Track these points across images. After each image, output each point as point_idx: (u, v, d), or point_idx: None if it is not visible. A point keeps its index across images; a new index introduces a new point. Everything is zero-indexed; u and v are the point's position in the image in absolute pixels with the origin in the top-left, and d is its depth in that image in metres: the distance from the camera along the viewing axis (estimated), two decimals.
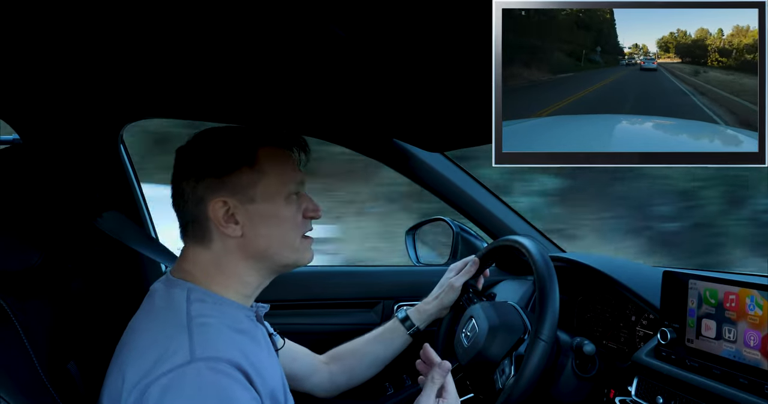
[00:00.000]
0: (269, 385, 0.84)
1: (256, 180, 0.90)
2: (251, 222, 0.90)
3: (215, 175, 0.89)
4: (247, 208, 0.89)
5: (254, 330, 0.91)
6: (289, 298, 1.63)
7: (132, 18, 0.67)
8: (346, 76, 0.90)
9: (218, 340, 0.80)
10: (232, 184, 0.89)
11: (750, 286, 0.87)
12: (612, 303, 1.30)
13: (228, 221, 0.89)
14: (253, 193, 0.90)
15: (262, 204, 0.90)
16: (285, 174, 0.93)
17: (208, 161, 0.90)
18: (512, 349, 1.13)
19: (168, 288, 0.89)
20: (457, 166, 1.64)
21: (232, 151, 0.90)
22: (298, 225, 0.94)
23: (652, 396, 1.00)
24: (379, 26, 0.66)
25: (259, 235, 0.91)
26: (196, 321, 0.82)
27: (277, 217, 0.91)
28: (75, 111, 1.32)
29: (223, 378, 0.76)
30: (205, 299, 0.87)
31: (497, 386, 1.11)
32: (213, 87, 1.06)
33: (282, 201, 0.92)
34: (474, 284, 1.36)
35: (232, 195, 0.89)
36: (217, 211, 0.88)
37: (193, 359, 0.75)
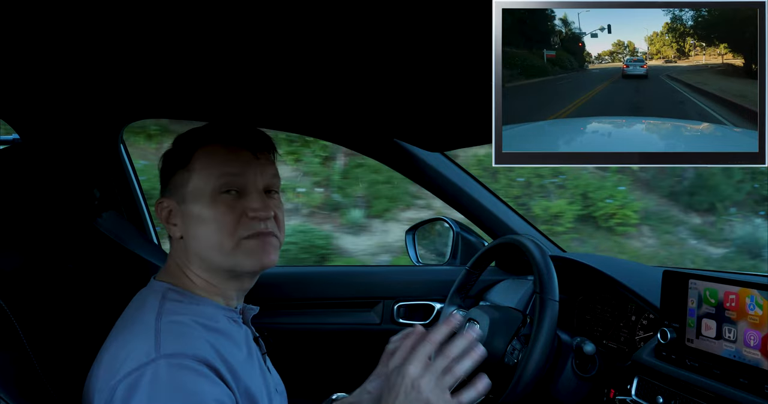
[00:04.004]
0: (244, 383, 0.83)
1: (186, 179, 0.88)
2: (185, 223, 0.89)
3: (162, 177, 0.92)
4: (181, 209, 0.89)
5: (233, 330, 0.90)
6: (289, 298, 1.63)
7: (132, 18, 0.67)
8: (347, 76, 0.90)
9: (185, 337, 0.80)
10: (171, 185, 0.91)
11: (750, 286, 0.87)
12: (612, 303, 1.30)
13: (168, 222, 0.90)
14: (184, 193, 0.89)
15: (190, 204, 0.88)
16: (213, 170, 0.87)
17: (160, 166, 0.93)
18: (516, 332, 1.14)
19: (147, 292, 0.90)
20: (457, 166, 1.64)
21: (173, 153, 0.92)
22: (227, 227, 0.86)
23: (652, 396, 1.00)
24: (380, 26, 0.66)
25: (192, 237, 0.88)
26: (165, 319, 0.81)
27: (200, 218, 0.87)
28: (75, 111, 1.31)
29: (186, 374, 0.75)
30: (181, 299, 0.87)
31: (510, 363, 1.11)
32: (213, 87, 1.06)
33: (207, 200, 0.87)
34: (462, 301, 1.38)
35: (169, 195, 0.91)
36: (160, 212, 0.91)
37: (157, 356, 0.75)
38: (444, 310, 1.40)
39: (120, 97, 1.24)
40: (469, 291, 1.41)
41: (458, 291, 1.40)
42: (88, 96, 1.22)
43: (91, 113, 1.35)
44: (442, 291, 1.52)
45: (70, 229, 1.20)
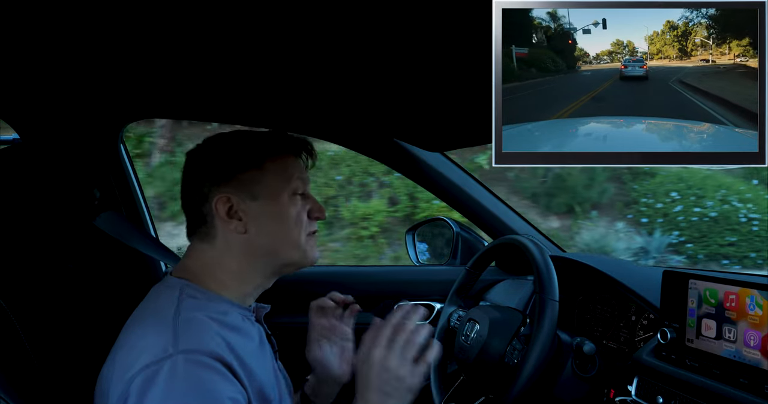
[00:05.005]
0: (257, 380, 0.85)
1: (259, 178, 0.92)
2: (255, 219, 0.92)
3: (222, 174, 0.92)
4: (250, 205, 0.91)
5: (247, 328, 0.92)
6: (289, 298, 1.63)
7: (132, 18, 0.67)
8: (347, 76, 0.90)
9: (202, 333, 0.81)
10: (237, 181, 0.91)
11: (750, 286, 0.87)
12: (612, 303, 1.30)
13: (231, 218, 0.91)
14: (256, 191, 0.92)
15: (265, 201, 0.92)
16: (288, 173, 0.94)
17: (217, 164, 0.92)
18: (516, 332, 1.14)
19: (164, 288, 0.91)
20: (457, 166, 1.64)
21: (241, 155, 0.93)
22: (302, 224, 0.95)
23: (652, 396, 1.00)
24: (380, 26, 0.66)
25: (263, 232, 0.92)
26: (182, 316, 0.83)
27: (280, 215, 0.93)
28: (75, 111, 1.31)
29: (201, 370, 0.77)
30: (197, 295, 0.88)
31: (510, 363, 1.11)
32: (214, 87, 1.06)
33: (285, 199, 0.93)
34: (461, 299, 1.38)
35: (235, 192, 0.91)
36: (221, 208, 0.90)
37: (174, 352, 0.77)
38: (444, 310, 1.40)
39: (120, 97, 1.24)
40: (469, 291, 1.41)
41: (458, 291, 1.40)
42: (88, 96, 1.22)
43: (91, 113, 1.35)
44: (442, 291, 1.52)
45: (70, 229, 1.20)
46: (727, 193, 5.68)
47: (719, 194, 5.67)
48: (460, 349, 1.25)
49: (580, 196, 5.80)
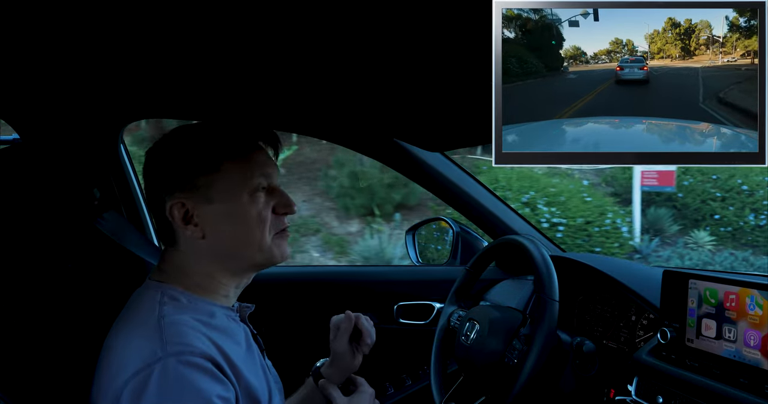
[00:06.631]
0: (245, 379, 0.85)
1: (215, 180, 0.88)
2: (212, 223, 0.88)
3: (177, 180, 0.88)
4: (206, 209, 0.88)
5: (232, 328, 0.91)
6: (289, 298, 1.63)
7: (131, 18, 0.67)
8: (347, 76, 0.90)
9: (189, 335, 0.81)
10: (192, 186, 0.88)
11: (750, 286, 0.87)
12: (612, 303, 1.30)
13: (188, 223, 0.88)
14: (211, 194, 0.88)
15: (222, 204, 0.88)
16: (249, 171, 0.89)
17: (172, 169, 0.88)
18: (516, 332, 1.14)
19: (144, 292, 0.90)
20: (457, 166, 1.63)
21: (197, 158, 0.88)
22: (266, 223, 0.90)
23: (652, 395, 1.00)
24: (379, 26, 0.66)
25: (221, 237, 0.89)
26: (167, 319, 0.82)
27: (239, 216, 0.88)
28: (75, 111, 1.31)
29: (192, 371, 0.77)
30: (179, 298, 0.87)
31: (510, 363, 1.11)
32: (214, 87, 1.06)
33: (245, 198, 0.88)
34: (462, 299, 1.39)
35: (191, 196, 0.88)
36: (176, 214, 0.88)
37: (164, 355, 0.77)
38: (444, 310, 1.40)
39: (120, 97, 1.24)
40: (469, 291, 1.41)
41: (458, 291, 1.40)
42: (88, 96, 1.22)
43: (91, 113, 1.35)
44: (442, 291, 1.52)
45: (70, 229, 1.20)
46: (534, 195, 5.31)
47: (526, 197, 5.29)
48: (460, 349, 1.24)
49: (378, 198, 5.46)
